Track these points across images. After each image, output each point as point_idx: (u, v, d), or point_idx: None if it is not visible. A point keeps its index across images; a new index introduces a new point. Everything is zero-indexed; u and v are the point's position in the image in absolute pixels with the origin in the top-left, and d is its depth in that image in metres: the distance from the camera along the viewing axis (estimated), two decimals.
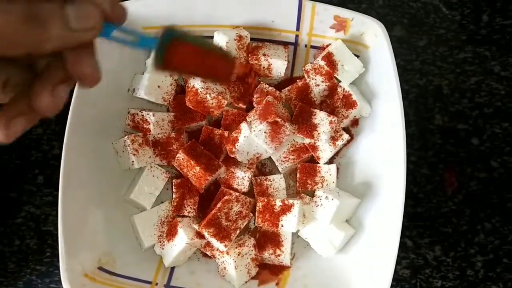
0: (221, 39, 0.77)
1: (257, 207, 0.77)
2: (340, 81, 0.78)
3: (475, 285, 0.84)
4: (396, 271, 0.77)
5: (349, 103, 0.77)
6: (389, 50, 0.72)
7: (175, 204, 0.79)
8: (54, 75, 0.42)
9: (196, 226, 0.76)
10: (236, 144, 0.76)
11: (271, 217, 0.76)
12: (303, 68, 0.80)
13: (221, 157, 0.80)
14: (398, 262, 0.71)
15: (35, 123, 0.44)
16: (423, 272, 0.84)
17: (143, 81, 0.78)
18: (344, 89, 0.78)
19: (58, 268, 0.69)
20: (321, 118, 0.76)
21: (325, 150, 0.78)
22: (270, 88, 0.80)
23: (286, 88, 0.81)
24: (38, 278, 0.84)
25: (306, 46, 0.80)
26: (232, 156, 0.78)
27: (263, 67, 0.79)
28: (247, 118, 0.77)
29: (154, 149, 0.79)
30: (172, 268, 0.79)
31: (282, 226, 0.76)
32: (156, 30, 0.76)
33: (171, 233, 0.77)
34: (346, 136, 0.78)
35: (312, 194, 0.79)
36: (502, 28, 0.87)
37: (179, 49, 0.51)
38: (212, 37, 0.78)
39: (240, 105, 0.80)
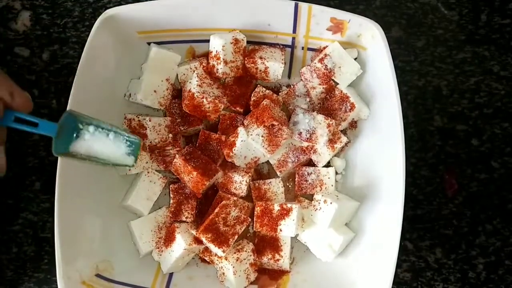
0: (217, 43, 0.76)
1: (255, 212, 0.77)
2: (337, 84, 0.78)
3: (477, 287, 0.83)
4: (396, 275, 0.76)
5: (347, 106, 0.77)
6: (386, 52, 0.72)
7: (173, 209, 0.78)
8: None
9: (194, 232, 0.76)
10: (233, 149, 0.76)
11: (269, 221, 0.75)
12: (300, 71, 0.79)
13: (218, 162, 0.79)
14: (398, 265, 0.70)
15: None
16: (424, 275, 0.83)
17: (140, 86, 0.77)
18: (341, 92, 0.77)
19: (56, 275, 0.69)
20: (319, 121, 0.76)
21: (323, 153, 0.78)
22: (267, 91, 0.79)
23: (284, 91, 0.80)
24: (36, 285, 0.83)
25: (303, 48, 0.79)
26: (229, 160, 0.77)
27: (260, 70, 0.78)
28: (244, 122, 0.77)
29: (151, 154, 0.79)
30: (171, 274, 0.78)
31: (281, 230, 0.75)
32: (151, 34, 0.77)
33: (169, 239, 0.77)
34: (344, 139, 0.78)
35: (310, 198, 0.79)
36: (501, 28, 0.87)
37: None
38: (204, 41, 0.78)
39: (237, 108, 0.80)
